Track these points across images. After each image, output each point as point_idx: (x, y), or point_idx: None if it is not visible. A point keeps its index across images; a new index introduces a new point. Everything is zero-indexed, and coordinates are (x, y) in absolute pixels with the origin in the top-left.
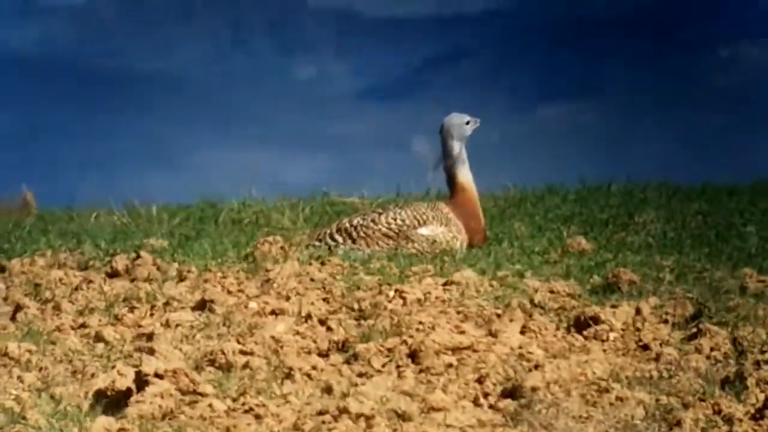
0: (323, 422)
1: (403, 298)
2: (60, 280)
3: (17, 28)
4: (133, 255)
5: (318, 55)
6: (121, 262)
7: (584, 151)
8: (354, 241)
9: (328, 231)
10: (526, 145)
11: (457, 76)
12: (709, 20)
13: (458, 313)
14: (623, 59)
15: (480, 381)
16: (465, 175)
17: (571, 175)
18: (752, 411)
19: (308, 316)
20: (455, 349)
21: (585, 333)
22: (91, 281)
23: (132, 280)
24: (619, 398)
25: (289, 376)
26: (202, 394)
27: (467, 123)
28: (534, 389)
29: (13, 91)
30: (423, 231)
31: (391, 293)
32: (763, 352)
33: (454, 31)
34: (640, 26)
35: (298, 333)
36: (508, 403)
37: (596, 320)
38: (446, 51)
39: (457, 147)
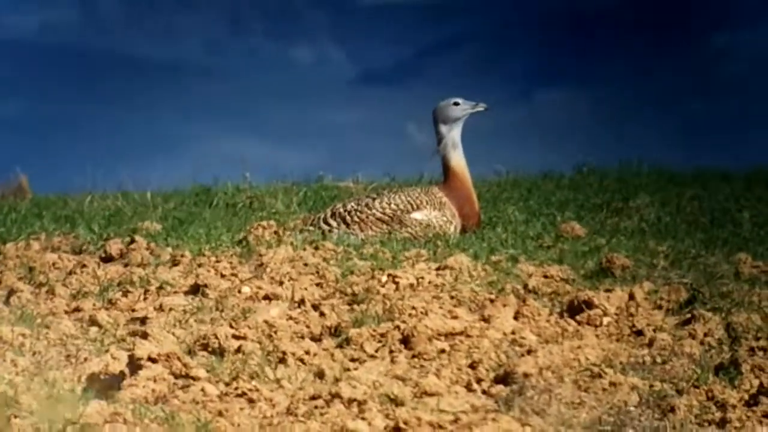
0: (316, 407)
1: (396, 283)
2: (54, 264)
3: (18, 14)
4: (127, 239)
5: (314, 41)
6: (115, 247)
7: (579, 137)
8: (348, 226)
9: (322, 216)
10: (521, 130)
11: (452, 62)
12: (705, 8)
13: (451, 298)
14: (619, 46)
15: (473, 366)
16: (458, 160)
17: (566, 161)
18: (746, 397)
19: (301, 301)
20: (448, 335)
21: (578, 318)
22: (85, 265)
23: (126, 265)
24: (612, 384)
25: (282, 360)
26: (194, 378)
27: (455, 104)
28: (526, 375)
29: (11, 77)
30: (417, 215)
31: (384, 278)
32: (757, 338)
33: (450, 18)
34: (636, 13)
35: (291, 318)
36: (501, 389)
37: (590, 305)
38: (442, 38)
39: (445, 130)
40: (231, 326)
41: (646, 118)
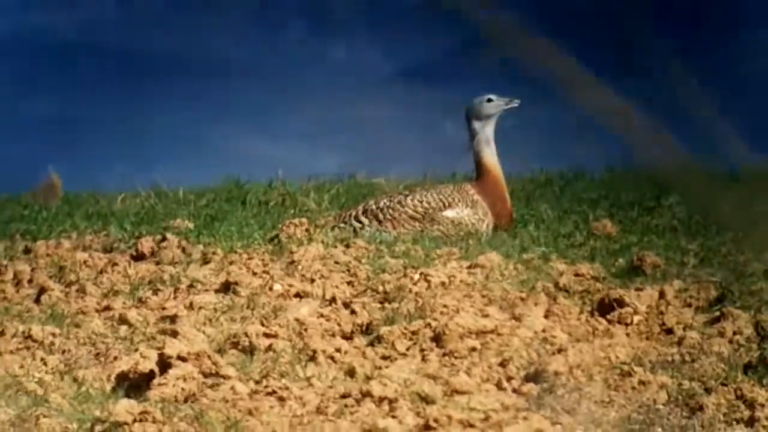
0: (346, 405)
1: (428, 281)
2: (85, 262)
3: (49, 12)
4: (159, 237)
5: (349, 37)
6: (146, 245)
7: (612, 135)
8: (380, 223)
9: (354, 213)
10: (554, 129)
11: (487, 59)
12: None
13: (482, 296)
14: (655, 42)
15: (503, 365)
16: (490, 157)
17: (597, 159)
18: None
19: (332, 299)
20: (479, 333)
21: (609, 316)
22: (115, 264)
23: (157, 263)
24: (641, 382)
25: (312, 358)
26: (224, 377)
27: (488, 101)
28: (557, 373)
29: (43, 74)
30: (449, 213)
31: (416, 276)
32: None
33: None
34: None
35: (322, 315)
36: (531, 387)
37: (620, 303)
38: (476, 35)
39: (478, 127)
40: (262, 324)
41: (681, 116)
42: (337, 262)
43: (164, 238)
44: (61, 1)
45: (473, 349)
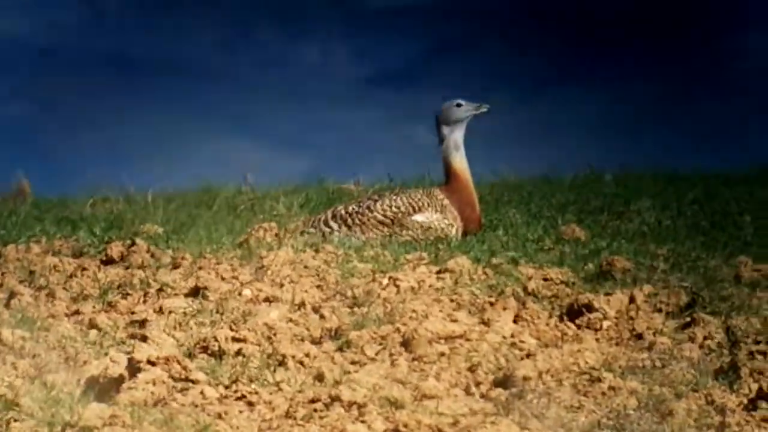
0: (315, 410)
1: (397, 286)
2: (54, 267)
3: (20, 15)
4: (128, 242)
5: (320, 41)
6: (115, 249)
7: (580, 140)
8: (349, 228)
9: (323, 217)
10: (522, 133)
11: (457, 65)
12: (708, 10)
13: (451, 301)
14: (622, 49)
15: (472, 370)
16: (459, 162)
17: (566, 164)
18: (745, 401)
19: (302, 304)
20: (448, 338)
21: (578, 321)
22: (85, 268)
23: (126, 267)
24: (611, 388)
25: (281, 363)
26: (194, 381)
27: (457, 106)
28: (526, 378)
29: (12, 79)
30: (418, 218)
31: (385, 281)
32: (756, 342)
33: (457, 20)
34: (641, 16)
35: (291, 320)
36: (500, 392)
37: (590, 308)
38: (448, 40)
39: (447, 131)
40: (231, 329)
41: (650, 121)
42: (306, 267)
43: (133, 243)
44: (34, 4)
45: (442, 354)
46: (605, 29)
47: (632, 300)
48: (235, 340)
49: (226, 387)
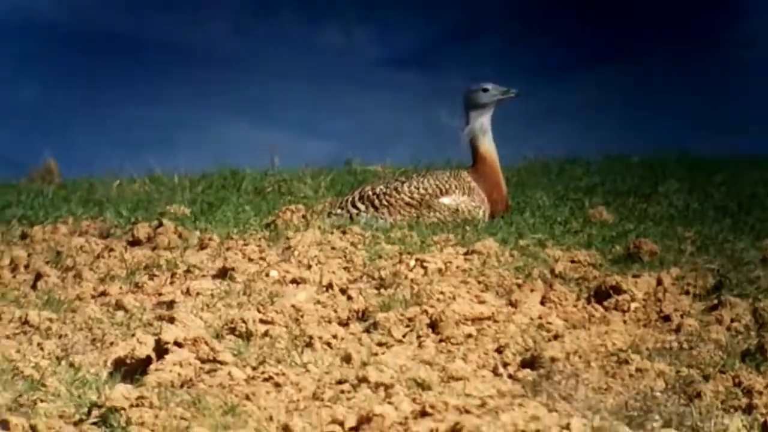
0: (342, 391)
1: (424, 268)
2: (81, 248)
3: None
4: (155, 223)
5: (344, 24)
6: (142, 230)
7: (608, 122)
8: (376, 210)
9: (350, 199)
10: (549, 116)
11: (481, 46)
12: None
13: (479, 282)
14: (648, 31)
15: (499, 351)
16: (487, 145)
17: (594, 146)
18: None
19: (329, 285)
20: (475, 319)
21: (605, 303)
22: (112, 249)
23: (153, 248)
24: (638, 369)
25: (309, 344)
26: (221, 363)
27: (484, 90)
28: (553, 360)
29: (39, 60)
30: (445, 200)
31: (412, 263)
32: None
33: (480, 1)
34: None
35: (318, 302)
36: (528, 374)
37: (617, 290)
38: (472, 21)
39: (474, 115)
40: (258, 310)
41: (677, 105)
42: (333, 248)
43: (161, 224)
44: None
45: (469, 335)
46: (631, 10)
47: (660, 282)
48: (262, 321)
49: (254, 368)
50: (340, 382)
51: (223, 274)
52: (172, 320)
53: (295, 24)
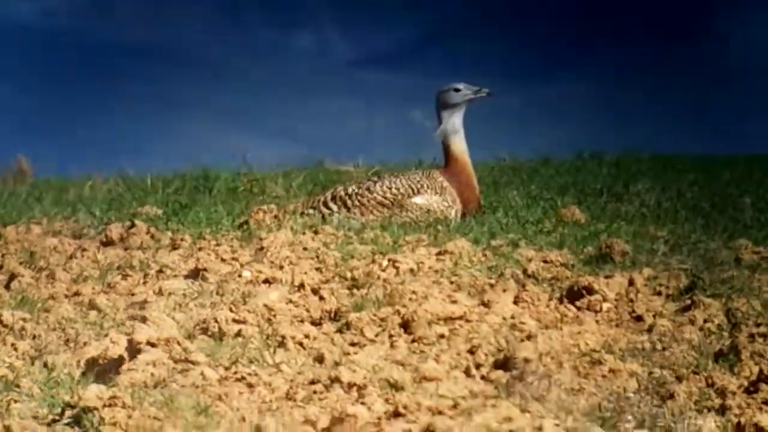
0: (315, 391)
1: (396, 268)
2: (54, 248)
3: (21, 1)
4: (128, 223)
5: (315, 26)
6: (115, 231)
7: (580, 122)
8: (348, 210)
9: (322, 199)
10: (521, 115)
11: (453, 47)
12: None
13: (451, 283)
14: (620, 30)
15: (472, 351)
16: (458, 144)
17: (567, 146)
18: (746, 384)
19: (301, 285)
20: (448, 319)
21: (578, 303)
22: (85, 249)
23: (126, 249)
24: (611, 370)
25: (281, 344)
26: (194, 363)
27: (455, 90)
28: (526, 360)
29: (12, 61)
30: (417, 200)
31: (385, 263)
32: (757, 325)
33: (452, 2)
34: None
35: (291, 302)
36: (500, 374)
37: (589, 291)
38: (443, 22)
39: (446, 115)
40: (231, 310)
41: (649, 105)
42: (305, 249)
43: (133, 225)
44: None
45: (442, 335)
46: (602, 12)
47: (632, 282)
48: (235, 321)
49: (226, 368)
50: (312, 383)
51: (196, 274)
52: (144, 320)
53: (267, 27)
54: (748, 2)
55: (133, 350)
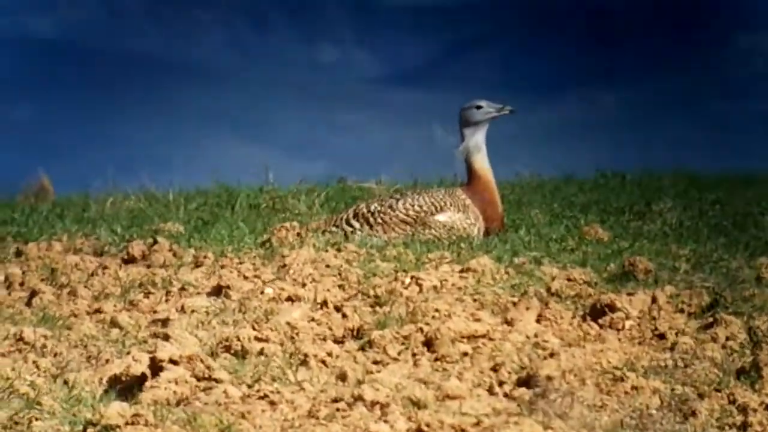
0: (338, 409)
1: (419, 285)
2: (76, 265)
3: (39, 14)
4: (150, 240)
5: (339, 41)
6: (137, 248)
7: (602, 140)
8: (371, 227)
9: (345, 216)
10: (543, 133)
11: (476, 64)
12: (728, 10)
13: (474, 300)
14: (642, 49)
15: (495, 369)
16: (481, 162)
17: (588, 163)
18: (767, 401)
19: (324, 303)
20: (471, 337)
21: (600, 321)
22: (106, 267)
23: (148, 266)
24: (634, 387)
25: (304, 362)
26: (217, 381)
27: (477, 108)
28: (549, 378)
29: (33, 78)
30: (440, 217)
31: (407, 280)
32: None
33: (475, 18)
34: (659, 15)
35: (313, 319)
36: (523, 392)
37: (612, 308)
38: (466, 39)
39: (468, 133)
40: (253, 328)
41: (671, 121)
42: (328, 266)
43: (155, 242)
44: (50, 4)
45: (465, 353)
46: (625, 29)
47: (654, 300)
48: (257, 339)
49: (249, 386)
50: (335, 401)
51: (218, 291)
52: (167, 338)
53: (291, 41)
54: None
55: (156, 368)
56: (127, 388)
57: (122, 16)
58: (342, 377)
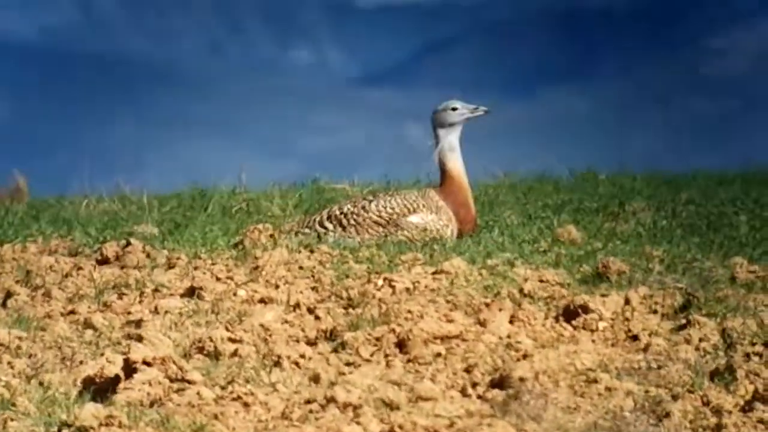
0: (311, 411)
1: (392, 287)
2: (50, 266)
3: (17, 16)
4: (123, 242)
5: (312, 43)
6: (111, 249)
7: (574, 140)
8: (344, 229)
9: (318, 218)
10: (516, 133)
11: (448, 64)
12: (702, 8)
13: (447, 302)
14: (615, 47)
15: (468, 371)
16: (454, 163)
17: (561, 164)
18: (741, 403)
19: (297, 305)
20: (444, 338)
21: (574, 323)
22: (81, 268)
23: (122, 267)
24: (607, 389)
25: (277, 364)
26: (190, 382)
27: (453, 109)
28: (522, 379)
29: (8, 80)
30: (413, 219)
31: (380, 282)
32: (752, 344)
33: (447, 18)
34: (633, 14)
35: (286, 321)
36: (496, 393)
37: (585, 309)
38: (439, 39)
39: (442, 134)
40: (226, 329)
41: (644, 119)
42: (301, 268)
43: (129, 243)
44: (28, 6)
45: (438, 354)
46: (598, 27)
47: (628, 301)
48: (230, 340)
49: (222, 388)
50: (308, 402)
51: (191, 293)
52: (140, 339)
53: (265, 43)
54: (746, 15)
55: (129, 369)
56: (101, 389)
57: (98, 19)
58: (315, 379)
